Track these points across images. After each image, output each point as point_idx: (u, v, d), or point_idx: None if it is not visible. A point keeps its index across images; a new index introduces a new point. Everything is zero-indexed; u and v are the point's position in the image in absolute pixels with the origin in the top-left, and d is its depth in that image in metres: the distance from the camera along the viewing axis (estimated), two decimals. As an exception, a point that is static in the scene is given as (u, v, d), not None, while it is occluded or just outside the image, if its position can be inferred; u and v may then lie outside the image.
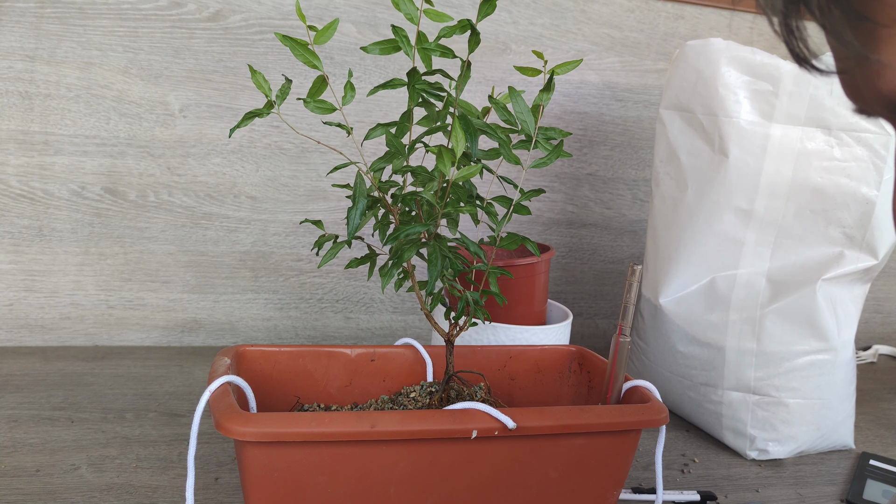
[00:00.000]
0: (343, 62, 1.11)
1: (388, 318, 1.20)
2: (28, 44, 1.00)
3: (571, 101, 1.22)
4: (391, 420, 0.51)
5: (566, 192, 1.25)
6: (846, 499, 0.76)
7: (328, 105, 0.57)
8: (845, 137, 0.80)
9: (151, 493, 0.66)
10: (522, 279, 0.87)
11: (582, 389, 0.73)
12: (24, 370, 0.95)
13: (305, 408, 0.68)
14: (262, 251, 1.13)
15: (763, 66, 0.82)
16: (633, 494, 0.71)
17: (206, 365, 1.02)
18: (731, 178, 0.85)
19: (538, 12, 1.18)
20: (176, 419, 0.83)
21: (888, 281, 1.46)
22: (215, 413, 0.50)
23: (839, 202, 0.81)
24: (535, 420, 0.54)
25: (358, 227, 0.57)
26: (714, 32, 1.27)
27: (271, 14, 1.07)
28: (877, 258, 0.82)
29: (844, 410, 0.87)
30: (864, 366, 1.30)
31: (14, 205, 1.03)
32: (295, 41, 0.55)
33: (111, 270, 1.08)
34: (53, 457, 0.72)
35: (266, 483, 0.50)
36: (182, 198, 1.08)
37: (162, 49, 1.04)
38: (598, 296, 1.30)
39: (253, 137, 1.09)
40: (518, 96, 0.59)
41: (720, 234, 0.87)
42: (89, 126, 1.04)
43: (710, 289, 0.88)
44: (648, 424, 0.59)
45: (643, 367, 0.98)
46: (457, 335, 0.66)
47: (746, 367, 0.84)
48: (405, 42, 0.57)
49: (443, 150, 0.53)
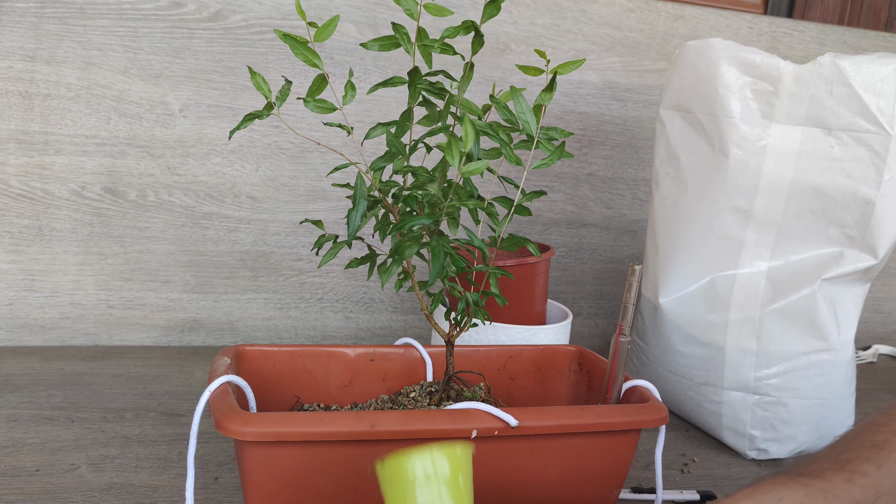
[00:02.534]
0: (343, 62, 1.11)
1: (388, 318, 1.20)
2: (28, 44, 1.00)
3: (571, 101, 1.22)
4: (391, 420, 0.51)
5: (566, 192, 1.25)
6: (846, 499, 0.76)
7: (328, 104, 0.57)
8: (845, 137, 0.80)
9: (151, 492, 0.66)
10: (522, 279, 0.87)
11: (582, 389, 0.73)
12: (24, 370, 0.95)
13: (305, 407, 0.68)
14: (262, 251, 1.13)
15: (763, 66, 0.82)
16: (633, 494, 0.71)
17: (206, 365, 1.02)
18: (730, 178, 0.85)
19: (538, 12, 1.18)
20: (176, 419, 0.83)
21: (888, 281, 1.46)
22: (215, 413, 0.50)
23: (839, 202, 0.81)
24: (535, 420, 0.54)
25: (358, 229, 0.57)
26: (714, 32, 1.27)
27: (271, 14, 1.07)
28: (877, 258, 0.82)
29: (844, 410, 0.87)
30: (864, 366, 1.30)
31: (14, 205, 1.03)
32: (295, 39, 0.55)
33: (111, 270, 1.08)
34: (53, 456, 0.71)
35: (266, 483, 0.50)
36: (182, 198, 1.08)
37: (162, 49, 1.04)
38: (598, 296, 1.30)
39: (253, 137, 1.09)
40: (519, 95, 0.58)
41: (720, 234, 0.87)
42: (89, 126, 1.04)
43: (709, 289, 0.88)
44: (648, 424, 0.59)
45: (643, 367, 0.98)
46: (457, 336, 0.66)
47: (746, 367, 0.84)
48: (405, 39, 0.57)
49: (452, 142, 0.53)
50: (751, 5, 1.36)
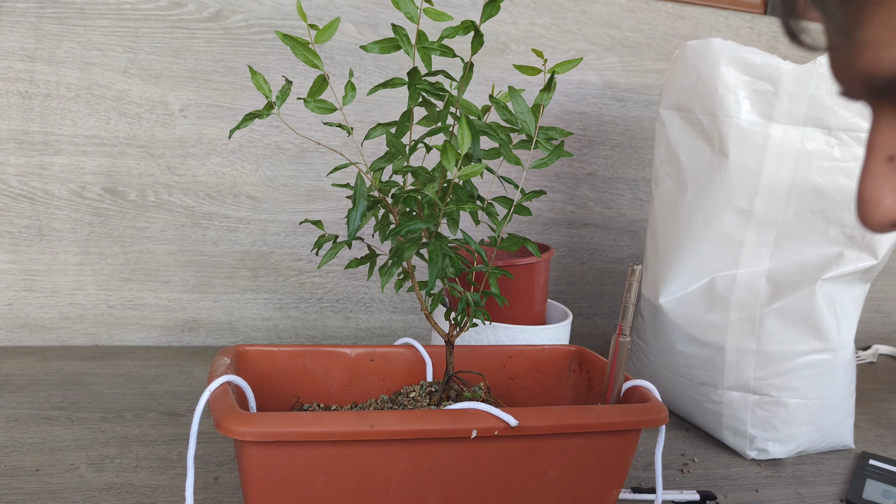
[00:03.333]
0: (343, 62, 1.11)
1: (388, 318, 1.20)
2: (28, 44, 1.00)
3: (571, 101, 1.22)
4: (391, 420, 0.51)
5: (566, 192, 1.25)
6: (846, 498, 0.76)
7: (328, 105, 0.57)
8: (845, 137, 0.80)
9: (151, 492, 0.66)
10: (522, 279, 0.87)
11: (582, 389, 0.73)
12: (24, 370, 0.95)
13: (305, 407, 0.68)
14: (262, 251, 1.13)
15: (763, 66, 0.82)
16: (633, 494, 0.71)
17: (205, 365, 1.02)
18: (730, 178, 0.85)
19: (538, 12, 1.18)
20: (176, 419, 0.83)
21: (888, 281, 1.46)
22: (215, 413, 0.50)
23: (839, 202, 0.81)
24: (535, 420, 0.54)
25: (358, 229, 0.57)
26: (714, 32, 1.27)
27: (271, 14, 1.07)
28: (876, 258, 0.82)
29: (844, 410, 0.87)
30: (864, 366, 1.30)
31: (14, 205, 1.03)
32: (295, 40, 0.55)
33: (111, 270, 1.08)
34: (53, 456, 0.71)
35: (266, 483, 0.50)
36: (182, 198, 1.08)
37: (162, 49, 1.04)
38: (598, 296, 1.30)
39: (253, 137, 1.09)
40: (518, 96, 0.58)
41: (720, 234, 0.87)
42: (89, 126, 1.04)
43: (710, 289, 0.88)
44: (648, 424, 0.59)
45: (643, 366, 0.98)
46: (457, 336, 0.66)
47: (746, 367, 0.84)
48: (405, 41, 0.57)
49: (447, 146, 0.53)
50: (751, 5, 1.36)
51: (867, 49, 0.29)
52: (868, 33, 0.29)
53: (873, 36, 0.29)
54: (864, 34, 0.29)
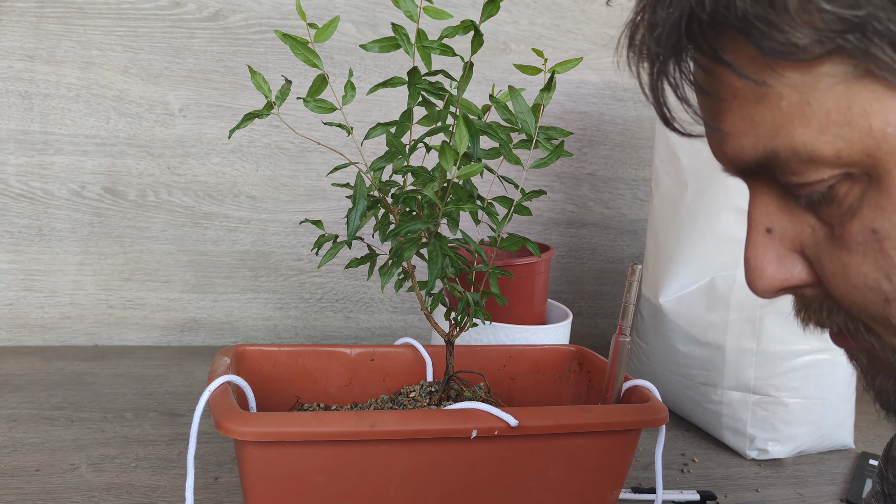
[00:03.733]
0: (343, 62, 1.11)
1: (388, 318, 1.20)
2: (28, 44, 1.00)
3: (571, 101, 1.22)
4: (391, 420, 0.51)
5: (566, 191, 1.25)
6: (846, 498, 0.76)
7: (328, 104, 0.57)
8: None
9: (151, 492, 0.66)
10: (522, 279, 0.87)
11: (582, 389, 0.73)
12: (24, 370, 0.95)
13: (305, 407, 0.68)
14: (262, 251, 1.13)
15: (763, 65, 0.82)
16: (633, 494, 0.71)
17: (205, 364, 1.02)
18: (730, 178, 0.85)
19: (538, 12, 1.18)
20: (176, 419, 0.83)
21: (888, 281, 1.46)
22: (215, 413, 0.50)
23: (839, 202, 0.81)
24: (535, 420, 0.54)
25: (358, 229, 0.57)
26: (714, 32, 1.27)
27: (271, 14, 1.07)
28: (877, 258, 0.82)
29: (844, 410, 0.87)
30: (864, 366, 1.30)
31: (14, 204, 1.03)
32: (295, 39, 0.55)
33: (111, 270, 1.08)
34: (53, 456, 0.71)
35: (266, 483, 0.50)
36: (182, 197, 1.08)
37: (162, 49, 1.04)
38: (598, 295, 1.30)
39: (253, 137, 1.09)
40: (518, 95, 0.58)
41: (720, 233, 0.87)
42: (89, 126, 1.04)
43: (710, 288, 0.88)
44: (648, 424, 0.59)
45: (643, 366, 0.98)
46: (457, 336, 0.66)
47: (746, 367, 0.84)
48: (405, 40, 0.57)
49: (445, 147, 0.53)
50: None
51: (729, 138, 0.32)
52: (727, 125, 0.31)
53: (732, 127, 0.31)
54: (723, 125, 0.32)
